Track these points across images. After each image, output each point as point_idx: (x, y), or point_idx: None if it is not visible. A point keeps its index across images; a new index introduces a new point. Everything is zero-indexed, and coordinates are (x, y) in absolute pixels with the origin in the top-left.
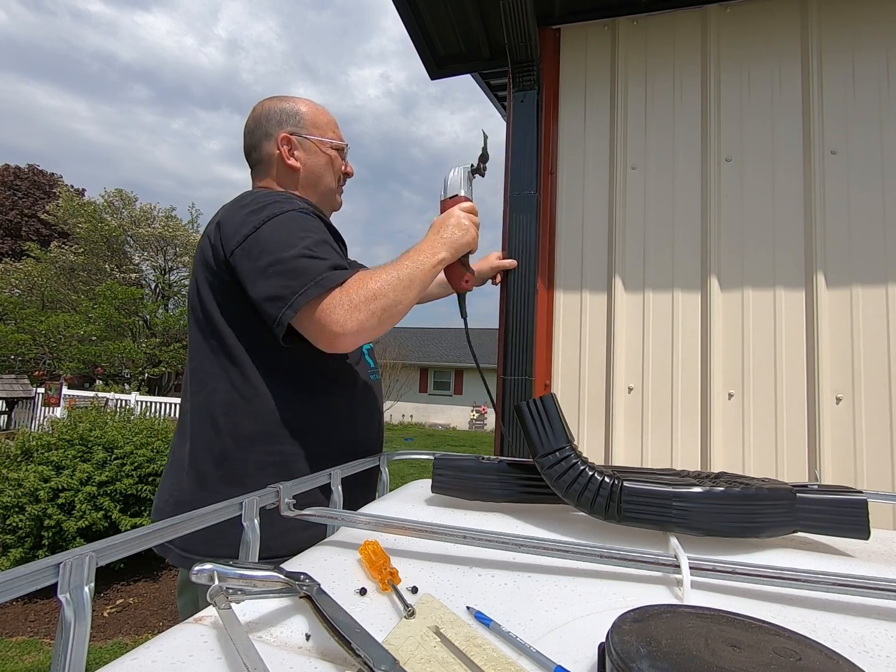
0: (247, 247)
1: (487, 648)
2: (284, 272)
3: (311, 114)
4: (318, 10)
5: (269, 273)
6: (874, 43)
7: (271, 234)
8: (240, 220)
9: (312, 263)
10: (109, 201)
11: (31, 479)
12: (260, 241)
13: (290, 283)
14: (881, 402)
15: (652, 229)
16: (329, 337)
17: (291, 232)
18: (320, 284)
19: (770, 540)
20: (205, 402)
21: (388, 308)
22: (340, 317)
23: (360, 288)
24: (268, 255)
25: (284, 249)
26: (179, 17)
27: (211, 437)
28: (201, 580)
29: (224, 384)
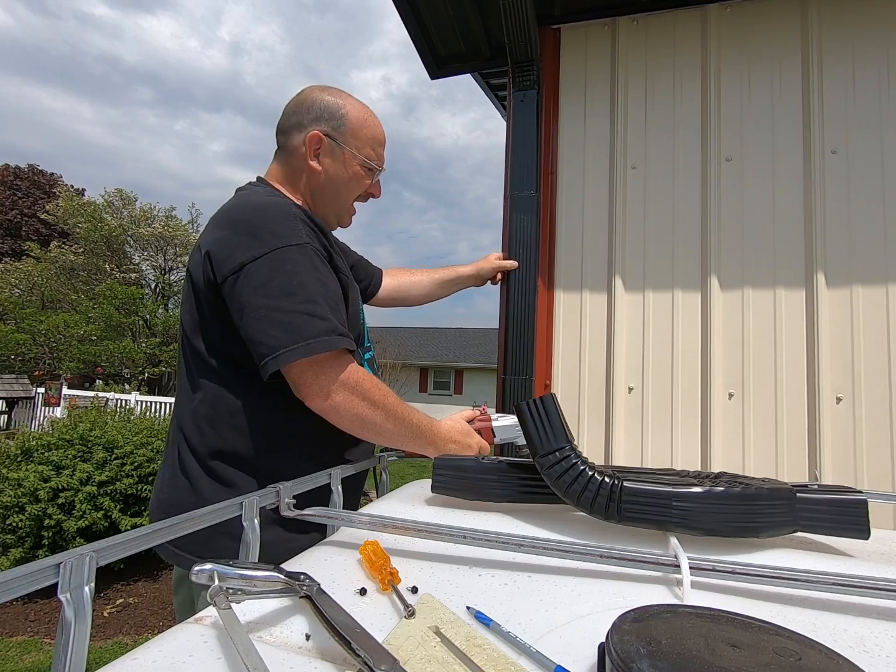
0: (242, 276)
1: (487, 648)
2: (278, 323)
3: (356, 121)
4: (321, 14)
5: (261, 316)
6: (875, 42)
7: (270, 272)
8: (236, 242)
9: (310, 322)
10: (109, 201)
11: (31, 478)
12: (257, 275)
13: (281, 336)
14: (881, 402)
15: (652, 229)
16: (307, 391)
17: (294, 274)
18: (311, 348)
19: (770, 540)
20: (196, 410)
21: (366, 417)
22: (324, 383)
23: (367, 385)
24: (263, 296)
25: (282, 297)
26: (183, 20)
27: (204, 442)
28: (201, 580)
29: (217, 392)
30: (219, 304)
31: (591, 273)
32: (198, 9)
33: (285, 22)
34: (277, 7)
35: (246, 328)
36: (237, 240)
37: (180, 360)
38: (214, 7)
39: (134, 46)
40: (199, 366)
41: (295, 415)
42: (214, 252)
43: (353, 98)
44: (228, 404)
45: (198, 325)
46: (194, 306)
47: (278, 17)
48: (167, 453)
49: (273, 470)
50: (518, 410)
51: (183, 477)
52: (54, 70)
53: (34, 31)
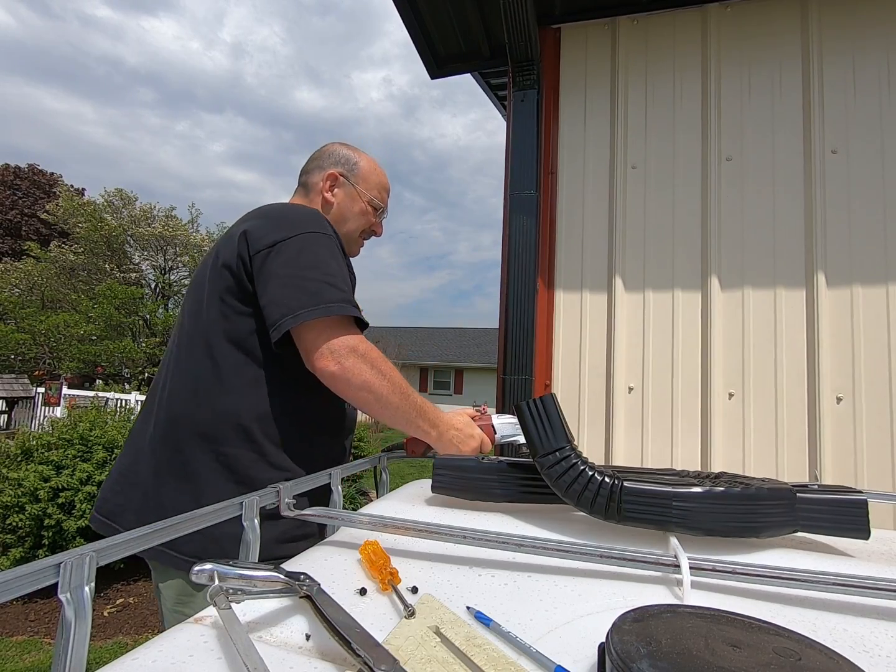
0: (273, 252)
1: (487, 648)
2: (302, 287)
3: (366, 169)
4: (322, 15)
5: (287, 283)
6: (875, 42)
7: (299, 250)
8: (272, 226)
9: (330, 290)
10: (109, 201)
11: (31, 478)
12: (287, 251)
13: (303, 298)
14: (881, 402)
15: (652, 229)
16: (319, 353)
17: (319, 254)
18: (330, 310)
19: (770, 540)
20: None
21: (374, 385)
22: (337, 347)
23: (374, 354)
24: (292, 266)
25: (308, 269)
26: (185, 22)
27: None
28: (201, 580)
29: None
30: (242, 289)
31: (591, 273)
32: (200, 11)
33: (286, 23)
34: (279, 8)
35: (268, 294)
36: (273, 224)
37: (199, 361)
38: (216, 9)
39: (136, 48)
40: (237, 365)
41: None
42: (251, 231)
43: (366, 154)
44: (272, 401)
45: (231, 320)
46: (225, 302)
47: (280, 18)
48: (172, 463)
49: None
50: (518, 410)
51: (230, 482)
52: (56, 71)
53: (36, 33)
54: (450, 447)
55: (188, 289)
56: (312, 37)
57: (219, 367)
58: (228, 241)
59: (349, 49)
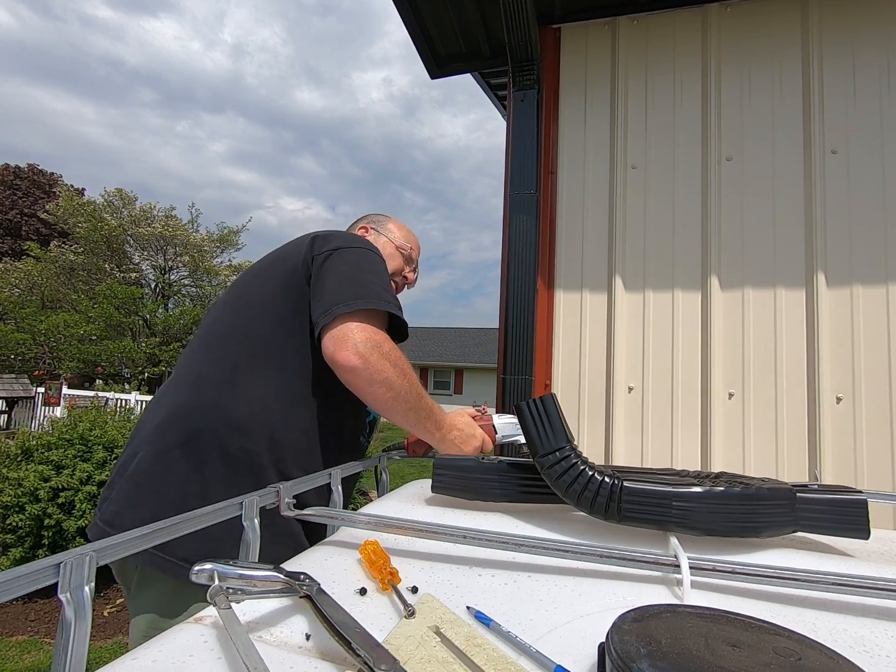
0: (335, 255)
1: (487, 648)
2: (357, 284)
3: (394, 224)
4: (323, 16)
5: (343, 279)
6: (875, 42)
7: (358, 258)
8: (339, 238)
9: (382, 292)
10: (109, 201)
11: (31, 478)
12: (347, 256)
13: (358, 291)
14: (881, 402)
15: (652, 229)
16: (344, 345)
17: (376, 265)
18: (380, 305)
19: (770, 540)
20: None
21: (394, 383)
22: (362, 340)
23: (397, 354)
24: (350, 267)
25: (365, 272)
26: (186, 22)
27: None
28: (201, 580)
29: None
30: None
31: (591, 273)
32: (201, 11)
33: (287, 24)
34: (279, 9)
35: (323, 285)
36: (338, 236)
37: (236, 357)
38: (217, 9)
39: (137, 48)
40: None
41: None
42: (320, 236)
43: (395, 219)
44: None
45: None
46: (278, 300)
47: (280, 18)
48: (185, 448)
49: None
50: (518, 410)
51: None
52: (57, 71)
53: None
54: (451, 447)
55: (230, 287)
56: (313, 37)
57: (256, 362)
58: (295, 246)
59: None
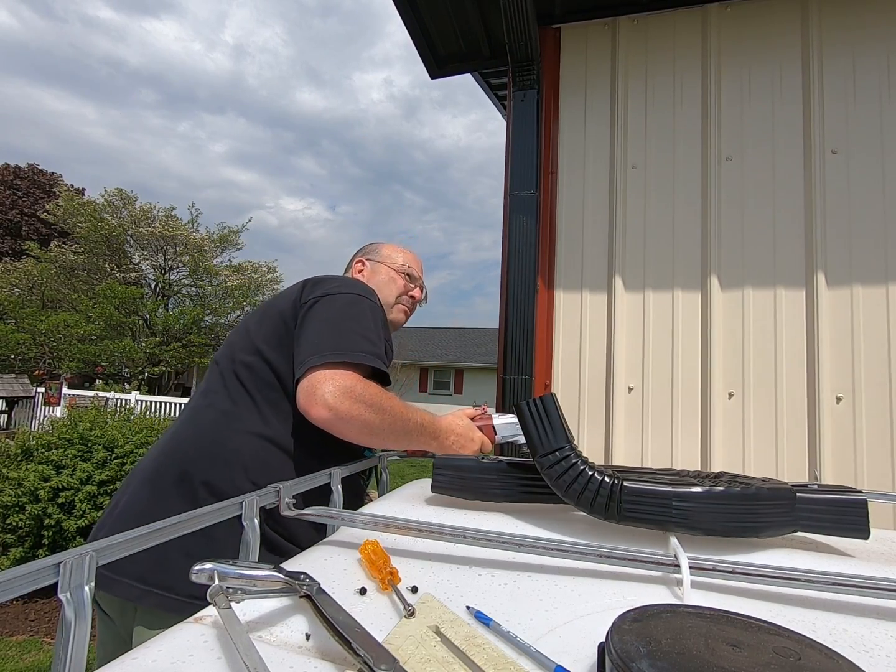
0: (320, 302)
1: (487, 648)
2: (334, 334)
3: (387, 248)
4: (324, 17)
5: (322, 329)
6: (875, 43)
7: (346, 304)
8: (328, 284)
9: (360, 341)
10: (109, 201)
11: (32, 478)
12: (334, 302)
13: (333, 341)
14: (881, 402)
15: (652, 229)
16: (314, 399)
17: (360, 312)
18: (353, 358)
19: (770, 540)
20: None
21: (373, 425)
22: (330, 392)
23: (371, 392)
24: (332, 314)
25: (346, 320)
26: (187, 23)
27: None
28: (201, 580)
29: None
30: (284, 336)
31: (591, 273)
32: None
33: (288, 25)
34: (280, 10)
35: (302, 335)
36: (329, 281)
37: (231, 388)
38: (219, 11)
39: (138, 49)
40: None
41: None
42: (311, 282)
43: (390, 244)
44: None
45: (270, 355)
46: (276, 342)
47: (281, 19)
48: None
49: None
50: (518, 410)
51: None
52: (59, 72)
53: (39, 34)
54: (450, 453)
55: (235, 329)
56: (314, 38)
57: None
58: (289, 292)
59: (350, 50)
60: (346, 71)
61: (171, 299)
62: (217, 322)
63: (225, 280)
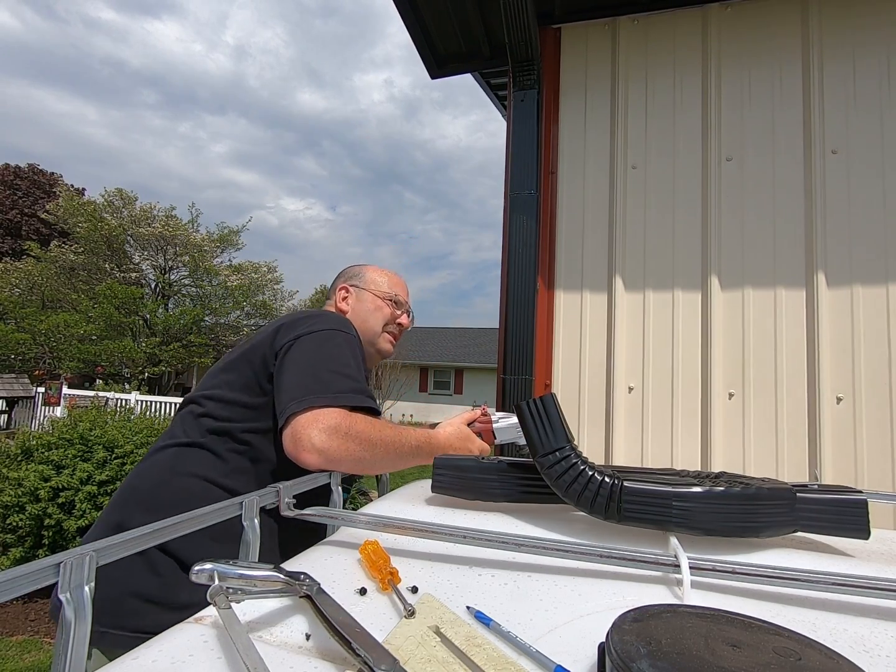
0: (295, 345)
1: (487, 648)
2: (312, 378)
3: (373, 273)
4: (325, 18)
5: (299, 374)
6: (875, 43)
7: (321, 343)
8: (302, 324)
9: (342, 380)
10: (109, 201)
11: (32, 478)
12: (307, 344)
13: (312, 385)
14: (881, 402)
15: (652, 229)
16: (301, 445)
17: (337, 349)
18: (338, 399)
19: (770, 540)
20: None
21: (364, 459)
22: (317, 431)
23: (359, 426)
24: (309, 356)
25: (324, 360)
26: (189, 24)
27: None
28: (201, 580)
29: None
30: (257, 384)
31: (590, 273)
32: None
33: (289, 26)
34: (282, 11)
35: (281, 382)
36: (302, 321)
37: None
38: (220, 12)
39: (139, 50)
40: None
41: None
42: (285, 325)
43: (373, 266)
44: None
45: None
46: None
47: (282, 20)
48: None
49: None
50: (518, 410)
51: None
52: (61, 73)
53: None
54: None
55: (218, 363)
56: (315, 39)
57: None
58: (264, 338)
59: (351, 51)
60: (347, 72)
61: (171, 299)
62: (217, 322)
63: (225, 280)
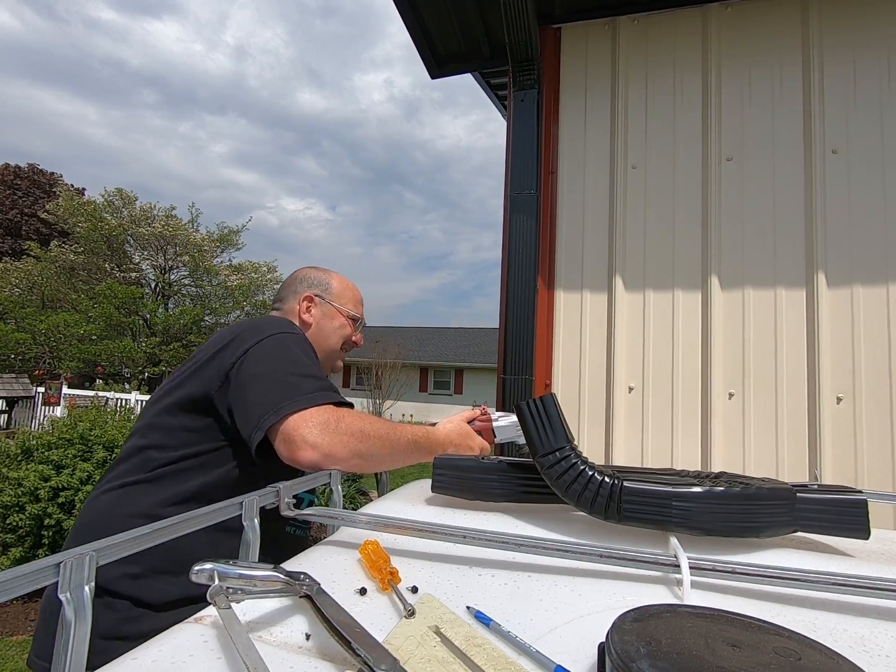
0: (246, 359)
1: (487, 648)
2: (279, 383)
3: (339, 287)
4: (325, 18)
5: (263, 382)
6: (875, 43)
7: (273, 350)
8: (248, 335)
9: (306, 381)
10: (109, 200)
11: (32, 478)
12: (259, 353)
13: (283, 392)
14: (881, 402)
15: (652, 229)
16: (295, 445)
17: (291, 350)
18: (312, 399)
19: (770, 540)
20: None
21: (361, 451)
22: (309, 428)
23: (350, 419)
24: (265, 366)
25: (284, 365)
26: (189, 24)
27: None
28: (201, 580)
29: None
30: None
31: (590, 273)
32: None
33: (289, 26)
34: (282, 11)
35: (245, 397)
36: (246, 334)
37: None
38: (220, 12)
39: (140, 50)
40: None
41: None
42: (233, 343)
43: (336, 273)
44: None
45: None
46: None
47: (282, 21)
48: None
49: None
50: (518, 410)
51: None
52: (61, 73)
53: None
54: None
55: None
56: (315, 39)
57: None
58: (205, 358)
59: (351, 51)
60: (347, 72)
61: (171, 299)
62: (217, 322)
63: (225, 280)
